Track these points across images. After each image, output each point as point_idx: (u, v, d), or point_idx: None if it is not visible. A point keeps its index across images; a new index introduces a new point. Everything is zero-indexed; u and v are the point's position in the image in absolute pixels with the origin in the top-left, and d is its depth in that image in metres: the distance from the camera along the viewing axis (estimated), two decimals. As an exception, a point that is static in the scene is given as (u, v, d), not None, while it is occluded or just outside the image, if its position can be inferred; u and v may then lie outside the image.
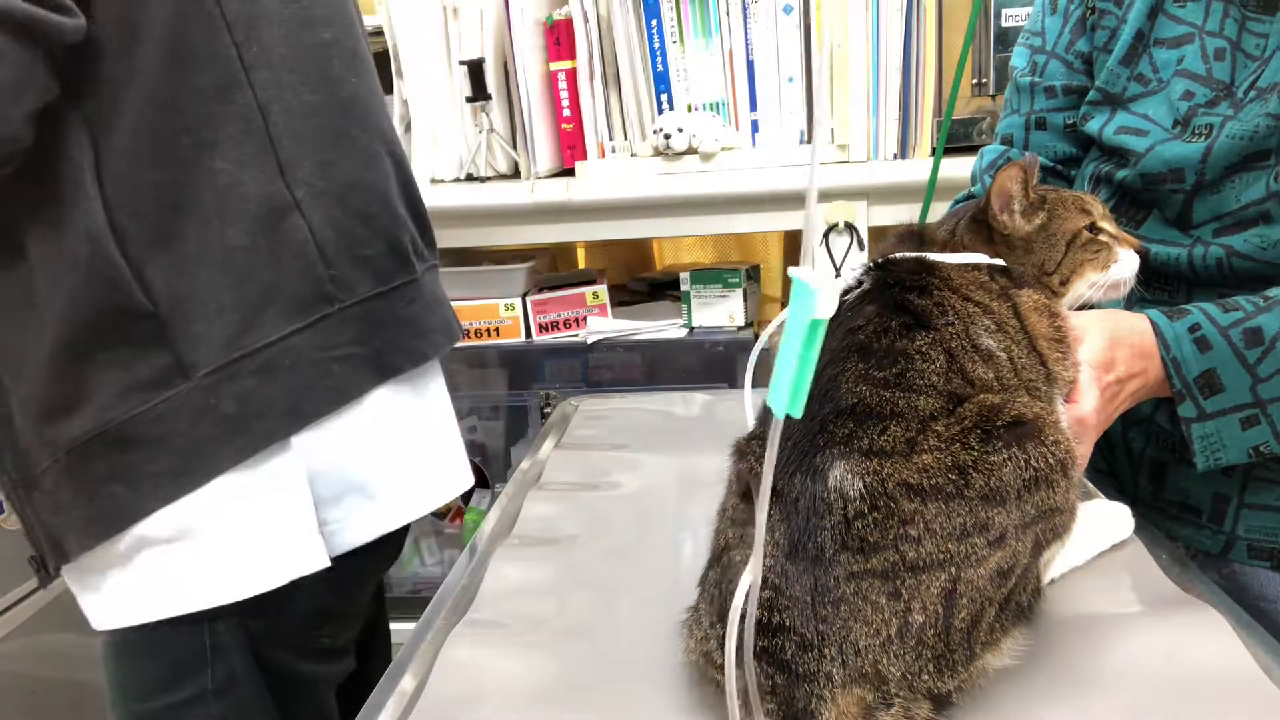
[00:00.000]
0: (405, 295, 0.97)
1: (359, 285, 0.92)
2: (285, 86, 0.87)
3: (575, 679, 0.70)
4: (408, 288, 0.97)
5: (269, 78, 0.86)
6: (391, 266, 0.95)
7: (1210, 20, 0.91)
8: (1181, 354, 0.81)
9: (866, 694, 0.57)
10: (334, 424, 0.90)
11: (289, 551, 0.88)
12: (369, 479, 0.94)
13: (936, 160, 1.53)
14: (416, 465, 1.00)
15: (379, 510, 0.95)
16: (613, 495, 1.04)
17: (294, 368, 0.87)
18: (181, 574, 0.86)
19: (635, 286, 2.11)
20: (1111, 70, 0.96)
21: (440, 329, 1.03)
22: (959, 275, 0.76)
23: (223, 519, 0.85)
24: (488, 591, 0.84)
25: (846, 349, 0.67)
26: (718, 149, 1.65)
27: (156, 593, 0.86)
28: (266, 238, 0.85)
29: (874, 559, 0.58)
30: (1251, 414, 0.81)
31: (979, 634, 0.60)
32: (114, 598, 0.88)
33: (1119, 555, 0.81)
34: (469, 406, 2.05)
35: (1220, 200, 0.87)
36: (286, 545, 0.88)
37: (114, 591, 0.87)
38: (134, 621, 0.87)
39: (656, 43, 1.70)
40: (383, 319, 0.94)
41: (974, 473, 0.61)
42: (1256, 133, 0.83)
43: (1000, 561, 0.61)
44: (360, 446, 0.93)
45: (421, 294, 1.00)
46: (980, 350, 0.69)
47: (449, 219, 1.77)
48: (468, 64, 1.72)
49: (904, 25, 1.59)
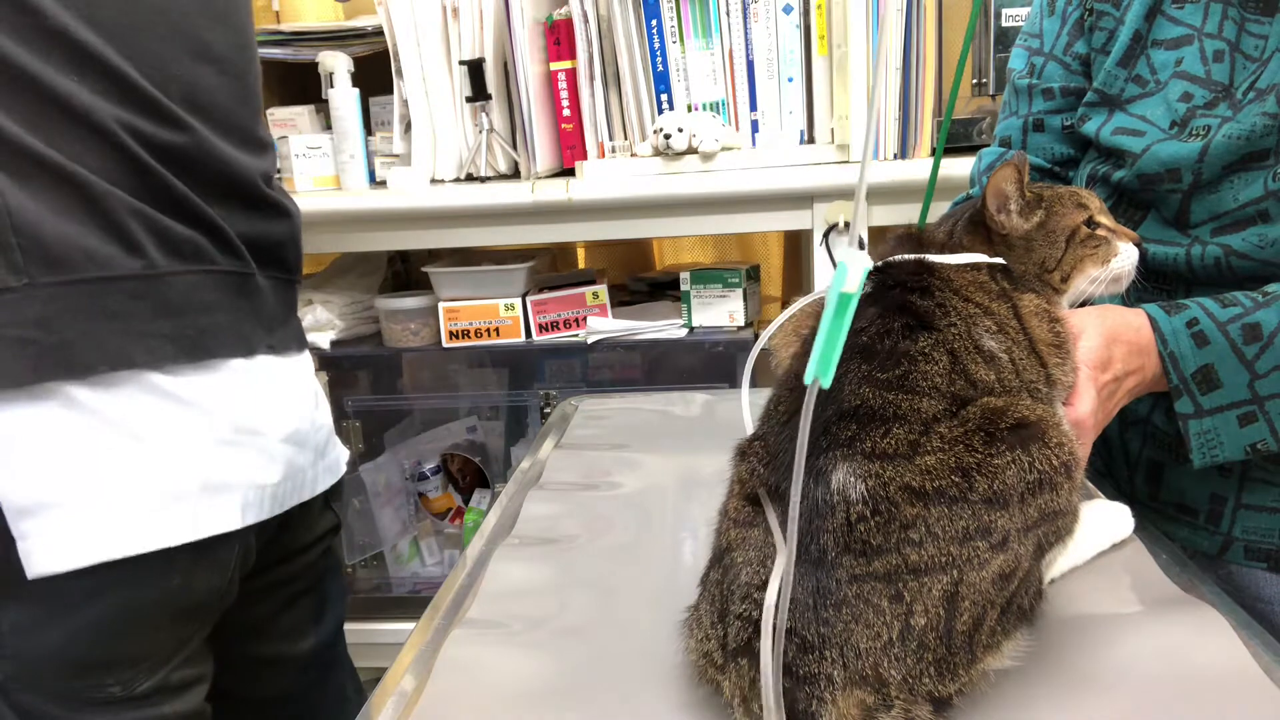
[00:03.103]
0: (126, 288, 0.87)
1: (61, 264, 0.83)
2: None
3: (575, 679, 0.70)
4: (134, 282, 0.87)
5: None
6: (111, 254, 0.86)
7: (1209, 22, 0.91)
8: (1179, 349, 0.81)
9: (867, 696, 0.57)
10: (14, 416, 0.82)
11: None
12: (77, 493, 0.84)
13: (936, 160, 1.53)
14: (164, 493, 0.89)
15: (95, 533, 0.85)
16: (613, 495, 1.04)
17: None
18: None
19: (635, 286, 2.11)
20: (1109, 71, 0.96)
21: (174, 337, 0.90)
22: (959, 276, 0.76)
23: None
24: (488, 591, 0.84)
25: (849, 350, 0.67)
26: (718, 149, 1.65)
27: None
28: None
29: (876, 562, 0.58)
30: (1249, 411, 0.81)
31: (980, 637, 0.60)
32: None
33: (1119, 555, 0.81)
34: (469, 407, 2.05)
35: (1218, 200, 0.87)
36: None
37: None
38: None
39: (656, 43, 1.70)
40: (81, 307, 0.84)
41: (977, 476, 0.61)
42: (1254, 132, 0.83)
43: (1003, 565, 0.61)
44: (61, 452, 0.84)
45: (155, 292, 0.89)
46: (983, 351, 0.69)
47: (449, 219, 1.77)
48: (468, 64, 1.72)
49: (904, 25, 1.59)
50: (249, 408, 0.97)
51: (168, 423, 0.90)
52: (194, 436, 0.92)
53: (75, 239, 0.84)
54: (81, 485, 0.85)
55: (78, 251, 0.84)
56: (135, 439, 0.88)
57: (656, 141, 1.65)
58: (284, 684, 1.13)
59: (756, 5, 1.66)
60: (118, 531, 0.86)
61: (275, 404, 1.01)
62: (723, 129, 1.68)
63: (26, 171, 0.82)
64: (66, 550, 0.84)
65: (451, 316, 1.84)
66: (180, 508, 0.90)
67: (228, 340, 0.96)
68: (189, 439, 0.91)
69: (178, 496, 0.90)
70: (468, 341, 1.85)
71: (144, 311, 0.88)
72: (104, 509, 0.86)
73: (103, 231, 0.85)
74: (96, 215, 0.85)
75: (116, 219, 0.86)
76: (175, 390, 0.90)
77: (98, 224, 0.85)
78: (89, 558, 0.85)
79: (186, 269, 0.92)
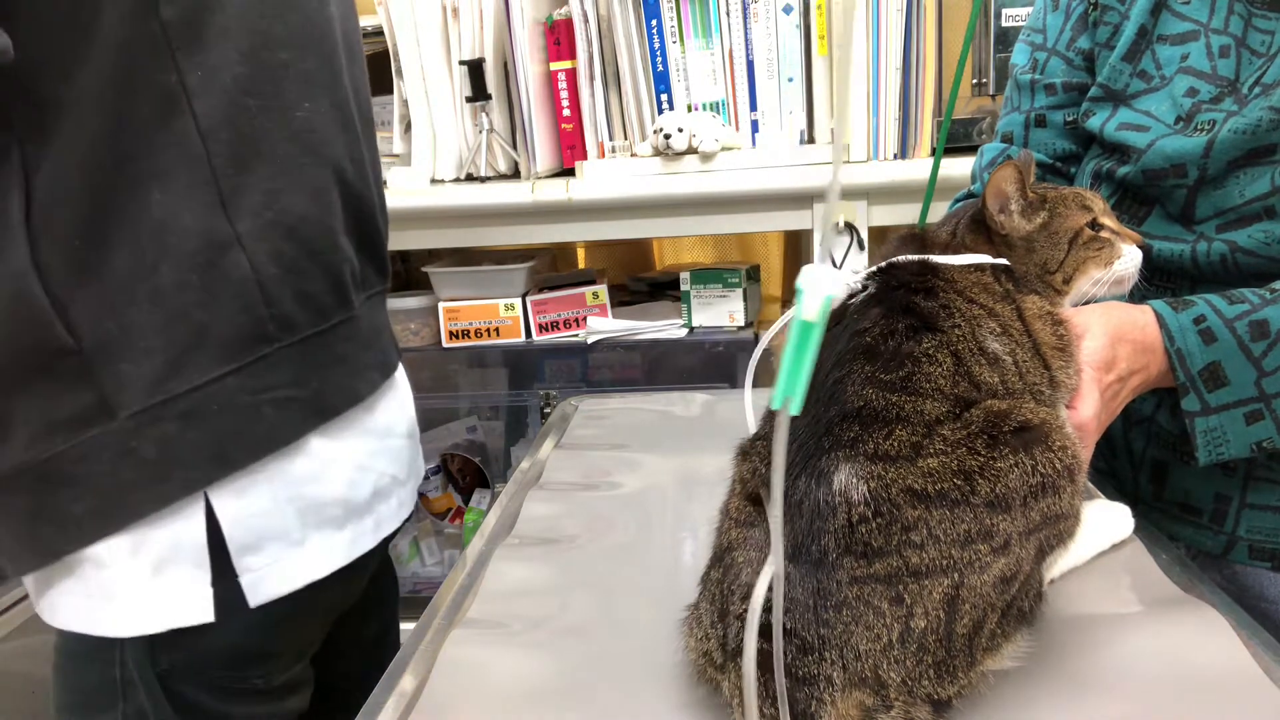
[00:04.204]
0: (343, 332, 0.92)
1: (300, 323, 0.87)
2: (232, 112, 0.80)
3: (575, 679, 0.70)
4: (346, 325, 0.92)
5: (213, 104, 0.79)
6: (332, 303, 0.90)
7: (1215, 17, 0.90)
8: (1186, 346, 0.81)
9: (866, 698, 0.57)
10: (261, 468, 0.85)
11: (174, 600, 0.84)
12: (293, 526, 0.89)
13: (936, 160, 1.53)
14: (348, 510, 0.94)
15: (304, 559, 0.90)
16: (613, 495, 1.04)
17: (222, 412, 0.82)
18: (88, 600, 0.84)
19: (635, 286, 2.11)
20: (1114, 67, 0.96)
21: (376, 365, 0.98)
22: (963, 277, 0.76)
23: (127, 557, 0.82)
24: (488, 591, 0.83)
25: (853, 351, 0.67)
26: (718, 149, 1.65)
27: (71, 610, 0.85)
28: (202, 275, 0.80)
29: (877, 564, 0.58)
30: (1255, 409, 0.80)
31: (980, 640, 0.60)
32: (43, 601, 0.87)
33: (1119, 555, 0.81)
34: (469, 406, 2.05)
35: (1224, 195, 0.87)
36: (172, 593, 0.84)
37: (43, 596, 0.87)
38: (59, 626, 0.86)
39: (656, 43, 1.70)
40: (320, 358, 0.89)
41: (980, 479, 0.60)
42: (1259, 127, 0.83)
43: (1004, 568, 0.60)
44: (288, 493, 0.88)
45: (358, 330, 0.95)
46: (987, 353, 0.69)
47: (449, 219, 1.77)
48: (468, 64, 1.72)
49: (904, 25, 1.59)
50: (401, 409, 1.04)
51: (369, 443, 0.96)
52: (373, 448, 0.97)
53: (309, 298, 0.87)
54: (295, 517, 0.88)
55: (311, 309, 0.88)
56: (346, 465, 0.93)
57: (656, 141, 1.65)
58: (348, 667, 1.14)
59: (756, 5, 1.66)
60: (321, 552, 0.91)
61: (411, 406, 1.09)
62: (723, 129, 1.68)
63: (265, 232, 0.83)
64: (283, 578, 0.88)
65: (451, 316, 1.84)
66: (363, 519, 0.96)
67: (393, 351, 1.04)
68: (369, 452, 0.96)
69: (361, 509, 0.95)
70: (468, 341, 1.85)
71: (356, 350, 0.94)
72: (311, 532, 0.90)
73: (327, 285, 0.89)
74: (324, 272, 0.89)
75: (336, 272, 0.90)
76: (373, 410, 0.97)
77: (324, 280, 0.89)
78: (300, 581, 0.89)
79: (366, 298, 0.98)
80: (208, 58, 0.78)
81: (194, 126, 0.78)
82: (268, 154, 0.83)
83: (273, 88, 0.84)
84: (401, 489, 1.03)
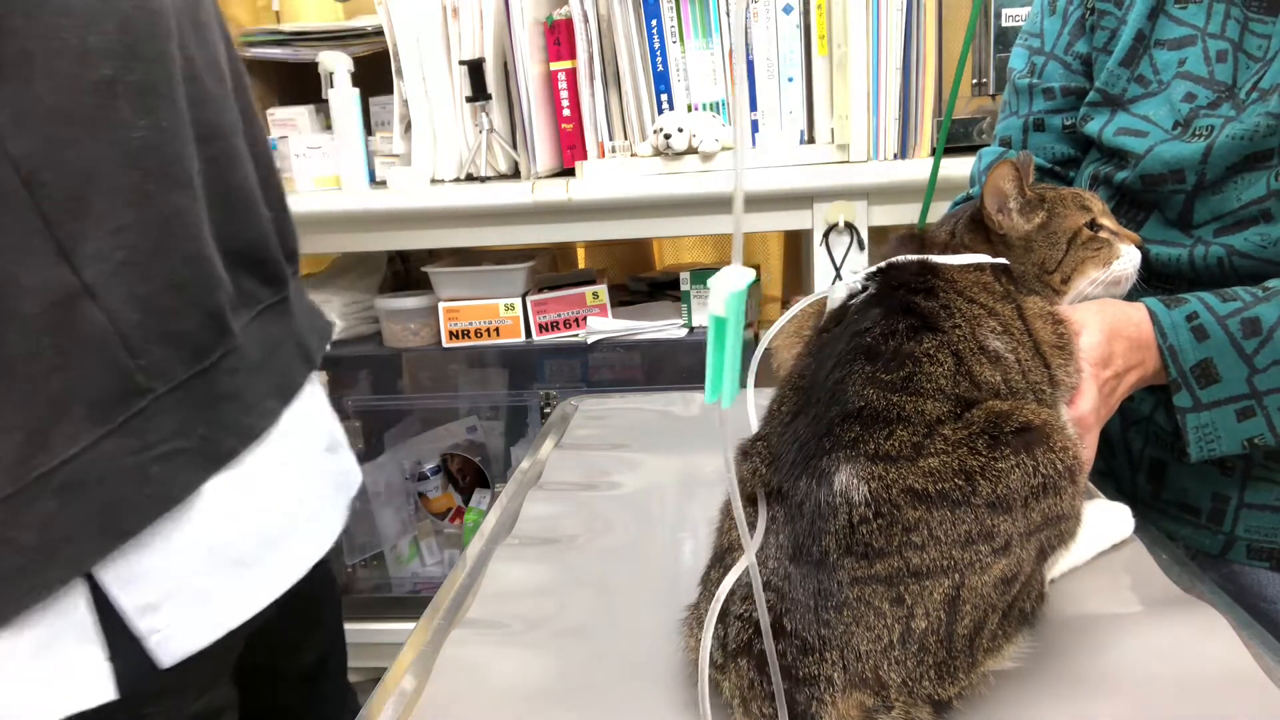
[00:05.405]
0: (226, 366, 0.82)
1: (174, 368, 0.77)
2: (54, 147, 0.70)
3: (575, 679, 0.70)
4: (229, 357, 0.82)
5: (30, 142, 0.68)
6: (209, 338, 0.80)
7: (1212, 22, 0.91)
8: (1178, 342, 0.81)
9: (866, 699, 0.57)
10: (154, 529, 0.77)
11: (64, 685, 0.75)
12: (197, 576, 0.80)
13: (936, 160, 1.53)
14: (262, 546, 0.85)
15: (216, 608, 0.81)
16: (613, 495, 1.04)
17: (105, 480, 0.73)
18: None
19: (635, 286, 2.11)
20: (1111, 71, 0.96)
21: (273, 391, 0.87)
22: (963, 277, 0.76)
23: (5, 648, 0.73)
24: (488, 591, 0.84)
25: (853, 351, 0.67)
26: (718, 149, 1.65)
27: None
28: (53, 337, 0.71)
29: (878, 564, 0.58)
30: (1247, 405, 0.81)
31: (981, 641, 0.60)
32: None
33: (1119, 555, 0.81)
34: (469, 407, 2.05)
35: (1221, 200, 0.87)
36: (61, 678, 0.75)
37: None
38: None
39: (656, 43, 1.70)
40: (204, 400, 0.79)
41: (981, 479, 0.60)
42: (1257, 132, 0.83)
43: (1005, 569, 0.61)
44: (185, 543, 0.79)
45: (246, 358, 0.84)
46: (988, 352, 0.69)
47: (449, 219, 1.77)
48: (468, 64, 1.72)
49: (904, 25, 1.59)
50: (316, 431, 0.95)
51: (274, 472, 0.87)
52: (288, 474, 0.89)
53: (181, 338, 0.78)
54: (198, 566, 0.80)
55: (186, 349, 0.78)
56: (252, 499, 0.84)
57: (656, 141, 1.65)
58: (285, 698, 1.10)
59: (756, 5, 1.66)
60: (236, 597, 0.83)
61: (327, 417, 0.98)
62: (723, 129, 1.68)
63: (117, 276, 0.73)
64: (195, 632, 0.80)
65: (451, 316, 1.84)
66: (279, 551, 0.87)
67: (298, 366, 0.93)
68: (284, 478, 0.88)
69: (275, 542, 0.87)
70: (468, 341, 1.85)
71: (247, 380, 0.84)
72: (220, 579, 0.81)
73: (200, 320, 0.80)
74: (193, 307, 0.79)
75: (209, 303, 0.80)
76: (275, 440, 0.87)
77: (195, 316, 0.79)
78: (216, 632, 0.81)
79: (252, 317, 0.88)
80: (12, 91, 0.68)
81: (12, 172, 0.68)
82: (106, 187, 0.73)
83: (99, 111, 0.73)
84: (327, 509, 0.95)
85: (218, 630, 0.81)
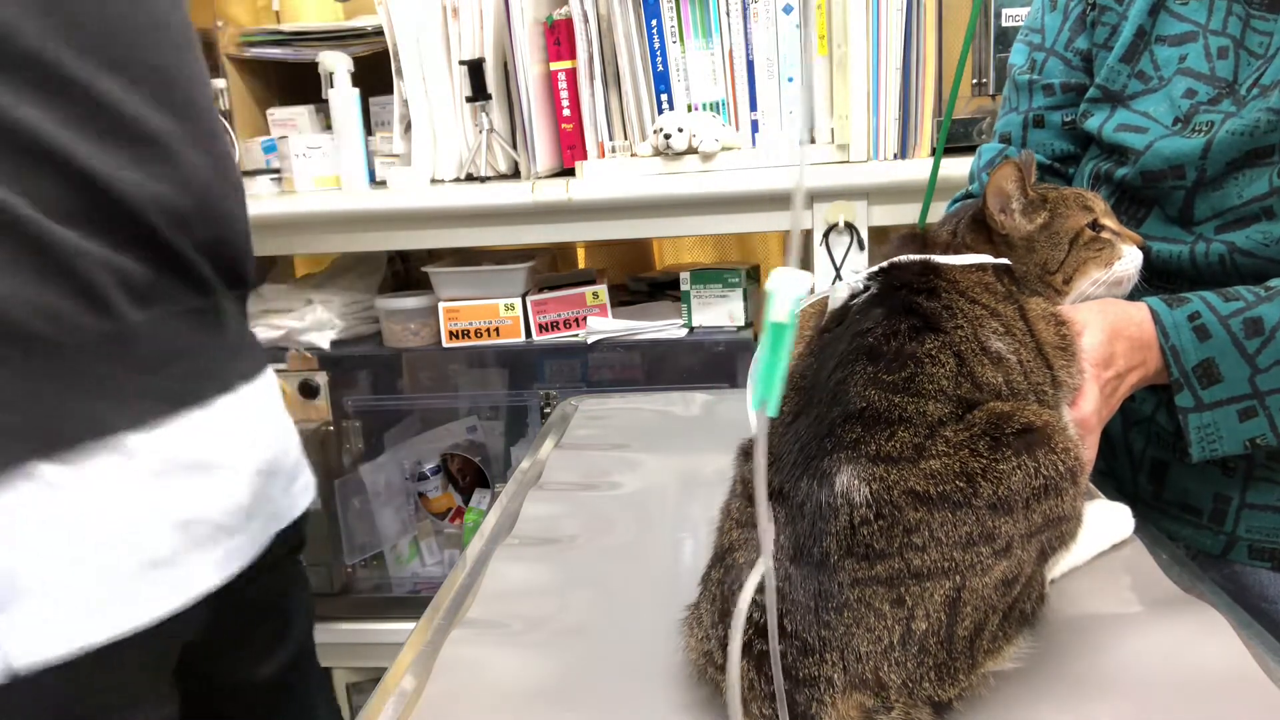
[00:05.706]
0: (102, 351, 0.78)
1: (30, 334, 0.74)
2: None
3: (575, 679, 0.70)
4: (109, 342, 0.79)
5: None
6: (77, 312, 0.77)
7: (1214, 18, 0.91)
8: (1180, 342, 0.81)
9: (867, 700, 0.57)
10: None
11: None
12: (48, 578, 0.75)
13: (936, 160, 1.53)
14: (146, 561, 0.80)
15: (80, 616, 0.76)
16: (613, 495, 1.04)
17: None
18: None
19: (635, 286, 2.11)
20: (1112, 67, 0.96)
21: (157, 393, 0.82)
22: (965, 277, 0.76)
23: None
24: (488, 591, 0.83)
25: (855, 352, 0.67)
26: (718, 149, 1.65)
27: None
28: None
29: (878, 566, 0.58)
30: (1249, 405, 0.81)
31: (982, 642, 0.60)
32: None
33: (1119, 555, 0.81)
34: (469, 407, 2.05)
35: (1222, 197, 0.87)
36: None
37: None
38: None
39: (656, 43, 1.70)
40: (59, 377, 0.75)
41: (982, 481, 0.60)
42: (1257, 128, 0.83)
43: (1006, 571, 0.60)
44: (25, 539, 0.74)
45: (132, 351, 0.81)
46: (990, 353, 0.69)
47: (449, 219, 1.77)
48: (468, 64, 1.72)
49: (904, 25, 1.59)
50: (227, 448, 0.89)
51: (148, 483, 0.81)
52: (175, 493, 0.83)
53: (36, 303, 0.73)
54: (58, 568, 0.76)
55: (40, 318, 0.74)
56: (116, 506, 0.79)
57: (656, 141, 1.65)
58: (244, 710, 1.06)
59: (756, 5, 1.66)
60: (102, 611, 0.78)
61: (251, 436, 0.93)
62: (723, 129, 1.68)
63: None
64: (47, 641, 0.75)
65: (451, 316, 1.84)
66: (165, 573, 0.82)
67: (206, 381, 0.88)
68: (170, 496, 0.83)
69: (161, 561, 0.81)
70: (468, 341, 1.85)
71: (120, 372, 0.80)
72: (86, 589, 0.77)
73: (68, 290, 0.76)
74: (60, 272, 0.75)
75: (84, 274, 0.76)
76: (156, 447, 0.82)
77: (61, 283, 0.75)
78: (72, 646, 0.76)
79: (160, 312, 0.84)
80: None
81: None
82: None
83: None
84: (236, 535, 0.89)
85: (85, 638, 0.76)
